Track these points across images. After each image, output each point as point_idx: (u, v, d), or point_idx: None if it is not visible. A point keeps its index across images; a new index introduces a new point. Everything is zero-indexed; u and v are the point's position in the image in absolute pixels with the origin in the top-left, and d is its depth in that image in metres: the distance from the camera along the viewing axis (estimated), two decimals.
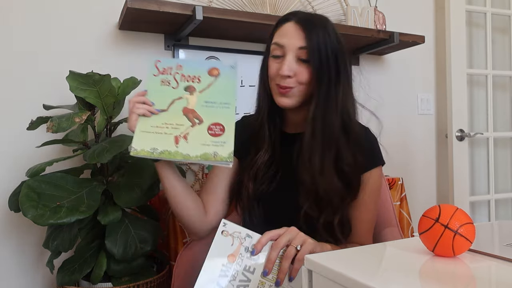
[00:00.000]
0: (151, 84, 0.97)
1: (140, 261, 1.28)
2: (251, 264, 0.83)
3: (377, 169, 1.01)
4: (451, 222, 0.59)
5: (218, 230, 0.85)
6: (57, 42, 1.52)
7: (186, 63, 0.99)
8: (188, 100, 0.96)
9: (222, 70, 0.98)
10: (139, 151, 0.90)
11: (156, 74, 0.98)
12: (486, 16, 2.26)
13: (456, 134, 2.14)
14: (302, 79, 0.94)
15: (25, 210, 1.10)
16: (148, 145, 0.91)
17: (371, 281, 0.51)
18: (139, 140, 0.91)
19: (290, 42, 0.94)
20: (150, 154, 0.90)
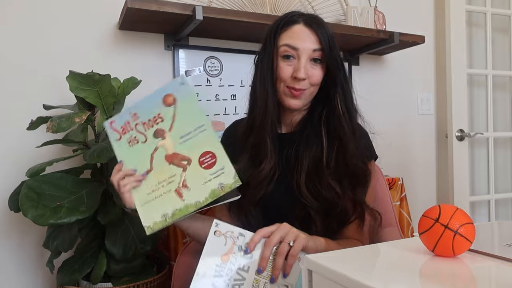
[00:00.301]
0: (120, 151, 0.94)
1: (140, 261, 1.28)
2: (245, 262, 0.83)
3: (370, 164, 1.04)
4: (451, 222, 0.59)
5: (210, 230, 0.84)
6: (57, 42, 1.52)
7: (138, 108, 0.94)
8: (165, 146, 0.92)
9: (175, 94, 0.93)
10: (153, 227, 0.88)
11: (118, 139, 0.94)
12: (486, 16, 2.26)
13: (456, 134, 2.14)
14: (315, 80, 0.97)
15: (25, 210, 1.10)
16: (157, 215, 0.88)
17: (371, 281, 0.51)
18: (146, 215, 0.89)
19: (305, 45, 0.94)
20: (164, 222, 0.88)
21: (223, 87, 1.78)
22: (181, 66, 1.70)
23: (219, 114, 1.77)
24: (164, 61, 1.69)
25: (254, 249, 0.83)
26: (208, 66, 1.75)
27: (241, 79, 1.79)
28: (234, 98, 1.79)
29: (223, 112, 1.77)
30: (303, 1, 1.94)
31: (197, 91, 1.72)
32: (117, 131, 0.94)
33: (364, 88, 2.11)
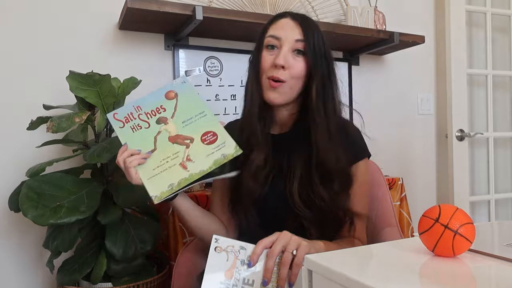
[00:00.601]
0: (125, 136, 0.97)
1: (140, 261, 1.28)
2: (249, 276, 0.82)
3: (364, 162, 1.02)
4: (451, 222, 0.59)
5: (210, 247, 0.84)
6: (57, 42, 1.52)
7: (142, 102, 1.00)
8: (168, 130, 0.97)
9: (177, 89, 1.01)
10: (160, 196, 0.91)
11: (122, 126, 0.97)
12: (486, 16, 2.26)
13: (456, 134, 2.14)
14: (294, 72, 0.95)
15: (25, 210, 1.10)
16: (163, 186, 0.92)
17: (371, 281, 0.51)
18: (153, 187, 0.92)
19: (287, 34, 0.96)
20: (170, 191, 0.91)
21: (223, 87, 1.78)
22: (181, 66, 1.70)
23: (219, 114, 1.77)
24: (164, 61, 1.69)
25: (257, 261, 0.82)
26: (208, 66, 1.75)
27: (241, 79, 1.79)
28: (234, 98, 1.79)
29: (223, 112, 1.77)
30: (303, 1, 1.94)
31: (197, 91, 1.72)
32: (120, 120, 0.98)
33: (364, 88, 2.11)
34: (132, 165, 0.91)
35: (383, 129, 2.16)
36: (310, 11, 1.95)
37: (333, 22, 1.93)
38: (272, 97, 0.96)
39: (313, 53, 0.95)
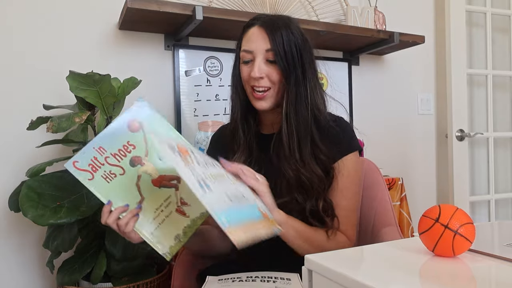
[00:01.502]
0: (100, 190, 0.84)
1: (140, 261, 1.28)
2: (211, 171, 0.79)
3: (351, 155, 1.01)
4: (451, 222, 0.59)
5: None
6: (57, 42, 1.52)
7: (103, 141, 0.83)
8: (147, 171, 0.85)
9: (138, 117, 0.85)
10: (170, 251, 0.86)
11: (91, 178, 0.83)
12: (486, 16, 2.26)
13: (456, 134, 2.14)
14: (274, 79, 0.97)
15: (25, 210, 1.10)
16: (169, 239, 0.86)
17: (371, 281, 0.51)
18: (160, 243, 0.86)
19: (257, 46, 0.97)
20: (179, 243, 0.87)
21: (223, 87, 1.78)
22: (181, 66, 1.70)
23: (219, 114, 1.77)
24: (164, 61, 1.69)
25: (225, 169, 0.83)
26: (208, 66, 1.75)
27: None
28: None
29: (223, 112, 1.77)
30: (303, 1, 1.94)
31: (197, 91, 1.72)
32: (86, 171, 0.83)
33: (364, 88, 2.11)
34: (129, 229, 0.85)
35: (383, 129, 2.16)
36: (310, 11, 1.95)
37: (333, 22, 1.93)
38: (259, 106, 1.00)
39: (283, 60, 0.95)
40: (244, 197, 0.80)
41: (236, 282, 0.89)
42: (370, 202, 1.22)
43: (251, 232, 0.73)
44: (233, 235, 0.69)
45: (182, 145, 0.80)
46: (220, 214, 0.69)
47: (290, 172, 0.95)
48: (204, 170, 0.77)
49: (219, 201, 0.73)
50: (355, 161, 1.02)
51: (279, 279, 0.89)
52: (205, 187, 0.72)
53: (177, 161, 0.72)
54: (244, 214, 0.77)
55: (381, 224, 1.18)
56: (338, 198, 0.97)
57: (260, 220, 0.79)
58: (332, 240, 0.94)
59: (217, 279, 0.93)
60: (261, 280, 0.89)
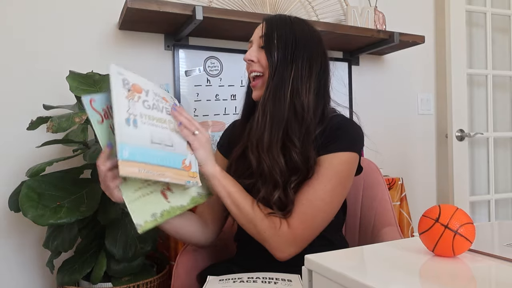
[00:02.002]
0: (106, 134, 0.84)
1: (140, 261, 1.28)
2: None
3: (337, 154, 0.94)
4: (451, 222, 0.59)
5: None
6: (57, 42, 1.52)
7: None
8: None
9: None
10: (144, 226, 0.86)
11: (101, 121, 0.85)
12: (486, 16, 2.26)
13: (456, 134, 2.14)
14: (264, 64, 1.00)
15: (25, 210, 1.10)
16: (146, 214, 0.87)
17: (371, 281, 0.51)
18: (136, 213, 0.86)
19: (255, 35, 1.03)
20: (154, 222, 0.87)
21: (223, 87, 1.78)
22: (181, 66, 1.70)
23: (219, 114, 1.77)
24: (164, 61, 1.69)
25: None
26: (208, 66, 1.75)
27: (241, 79, 1.79)
28: (234, 98, 1.79)
29: (223, 112, 1.77)
30: (303, 1, 1.94)
31: (197, 91, 1.73)
32: (98, 113, 0.85)
33: (364, 88, 2.11)
34: (114, 184, 0.84)
35: (383, 129, 2.16)
36: (310, 11, 1.95)
37: (333, 22, 1.93)
38: (254, 95, 1.03)
39: (272, 46, 0.97)
40: (172, 146, 0.85)
41: (237, 283, 0.89)
42: (370, 202, 1.22)
43: (150, 171, 0.79)
44: (123, 166, 0.75)
45: (142, 86, 0.85)
46: (124, 145, 0.76)
47: (252, 157, 0.96)
48: (145, 111, 0.83)
49: (135, 138, 0.79)
50: (343, 160, 0.95)
51: (280, 280, 0.89)
52: (131, 122, 0.79)
53: (118, 92, 0.79)
54: (156, 157, 0.82)
55: (381, 224, 1.18)
56: (304, 185, 0.93)
57: (174, 168, 0.84)
58: (263, 217, 0.91)
59: (218, 279, 0.93)
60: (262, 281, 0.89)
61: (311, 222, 0.91)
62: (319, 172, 0.93)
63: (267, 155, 0.94)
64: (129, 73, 0.85)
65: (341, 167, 0.94)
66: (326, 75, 1.03)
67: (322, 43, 1.03)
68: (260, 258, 0.98)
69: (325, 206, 0.92)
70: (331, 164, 0.93)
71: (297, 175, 0.93)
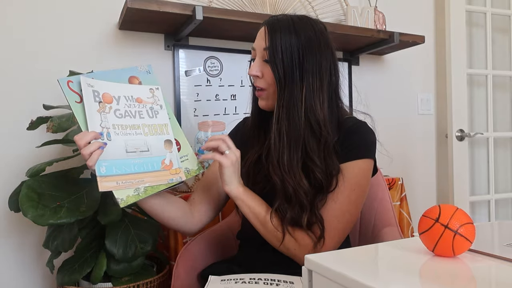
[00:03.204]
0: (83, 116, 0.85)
1: (140, 261, 1.28)
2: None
3: (358, 162, 0.95)
4: (451, 222, 0.59)
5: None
6: (57, 42, 1.52)
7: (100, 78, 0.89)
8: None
9: (141, 78, 0.95)
10: (126, 200, 0.84)
11: (79, 101, 0.85)
12: (486, 16, 2.26)
13: (456, 134, 2.14)
14: (269, 79, 0.96)
15: (25, 210, 1.10)
16: (129, 189, 0.85)
17: (371, 281, 0.51)
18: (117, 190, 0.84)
19: (258, 44, 0.97)
20: (137, 197, 0.86)
21: (223, 87, 1.78)
22: (181, 66, 1.70)
23: (219, 114, 1.77)
24: (164, 61, 1.69)
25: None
26: (208, 66, 1.75)
27: (241, 79, 1.79)
28: (234, 98, 1.79)
29: (223, 112, 1.77)
30: (303, 1, 1.94)
31: (197, 91, 1.73)
32: (76, 93, 0.86)
33: (364, 88, 2.11)
34: (93, 161, 0.82)
35: (383, 129, 2.15)
36: (310, 11, 1.95)
37: (333, 22, 1.93)
38: (260, 104, 1.01)
39: (278, 61, 0.92)
40: (148, 150, 0.88)
41: (239, 284, 0.89)
42: (371, 202, 1.22)
43: (128, 181, 0.84)
44: (101, 182, 0.81)
45: (113, 93, 0.88)
46: (100, 162, 0.82)
47: (276, 179, 0.92)
48: (117, 121, 0.87)
49: (110, 151, 0.84)
50: (362, 168, 0.95)
51: (282, 282, 0.89)
52: (105, 136, 0.84)
53: (89, 106, 0.84)
54: (132, 166, 0.86)
55: (382, 224, 1.18)
56: (329, 199, 0.93)
57: (154, 171, 0.88)
58: (294, 240, 0.91)
59: (219, 279, 0.93)
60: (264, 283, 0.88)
61: (342, 235, 0.95)
62: (342, 184, 0.93)
63: (290, 176, 0.91)
64: (98, 82, 0.88)
65: (361, 175, 0.95)
66: (337, 79, 0.99)
67: (330, 43, 0.97)
68: (262, 257, 0.99)
69: (352, 217, 0.95)
70: (352, 174, 0.94)
71: (322, 192, 0.93)
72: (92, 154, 0.82)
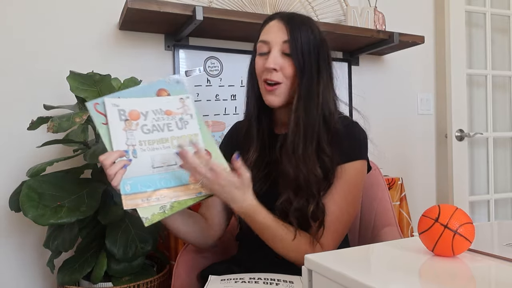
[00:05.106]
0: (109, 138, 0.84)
1: (140, 261, 1.28)
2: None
3: (355, 163, 0.97)
4: (451, 222, 0.59)
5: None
6: (57, 42, 1.52)
7: (128, 97, 0.87)
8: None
9: (170, 90, 0.91)
10: (151, 219, 0.83)
11: (105, 123, 0.84)
12: (485, 16, 2.26)
13: (455, 134, 2.14)
14: (287, 73, 0.96)
15: (25, 210, 1.10)
16: (155, 207, 0.84)
17: (371, 281, 0.52)
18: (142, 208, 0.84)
19: (275, 37, 0.96)
20: (162, 215, 0.84)
21: (223, 87, 1.78)
22: (181, 66, 1.70)
23: (219, 114, 1.77)
24: (164, 61, 1.69)
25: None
26: (208, 66, 1.75)
27: (241, 79, 1.80)
28: (234, 98, 1.79)
29: (223, 112, 1.78)
30: (303, 1, 1.94)
31: (197, 91, 1.73)
32: (102, 114, 0.85)
33: (364, 88, 2.11)
34: (117, 181, 0.82)
35: (383, 129, 2.16)
36: (310, 11, 1.95)
37: (333, 22, 1.93)
38: (270, 100, 0.98)
39: (299, 53, 0.94)
40: (176, 163, 0.86)
41: (239, 283, 0.89)
42: (370, 202, 1.23)
43: (153, 197, 0.83)
44: (125, 200, 0.80)
45: (140, 109, 0.87)
46: (124, 181, 0.82)
47: (289, 168, 0.93)
48: (145, 137, 0.85)
49: (135, 169, 0.83)
50: (357, 169, 0.97)
51: (281, 282, 0.89)
52: (131, 153, 0.83)
53: (114, 126, 0.83)
54: (159, 181, 0.85)
55: (381, 224, 1.18)
56: (328, 202, 0.94)
57: (181, 185, 0.86)
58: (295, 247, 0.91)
59: (219, 279, 0.93)
60: (264, 282, 0.89)
61: (341, 235, 0.96)
62: (339, 185, 0.95)
63: (305, 165, 0.92)
64: (124, 100, 0.86)
65: (356, 176, 0.97)
66: (334, 75, 1.03)
67: (327, 43, 1.02)
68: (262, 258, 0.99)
69: (350, 217, 0.97)
70: (348, 175, 0.95)
71: (328, 184, 0.95)
72: (116, 174, 0.82)
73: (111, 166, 0.82)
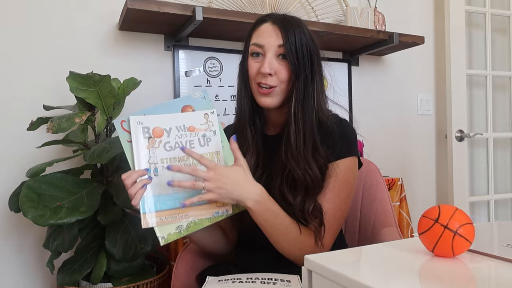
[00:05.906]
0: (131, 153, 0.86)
1: (140, 261, 1.28)
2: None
3: (347, 160, 0.97)
4: (451, 222, 0.59)
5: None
6: (57, 42, 1.52)
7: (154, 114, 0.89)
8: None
9: (195, 106, 0.93)
10: (167, 238, 0.84)
11: (130, 140, 0.86)
12: (485, 16, 2.26)
13: (455, 135, 2.14)
14: (282, 77, 0.96)
15: (25, 211, 1.10)
16: (171, 227, 0.85)
17: (371, 281, 0.52)
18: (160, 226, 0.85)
19: (269, 41, 0.96)
20: (178, 234, 0.85)
21: (223, 88, 1.78)
22: (181, 66, 1.70)
23: (219, 115, 1.76)
24: (164, 62, 1.69)
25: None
26: (208, 66, 1.75)
27: None
28: (234, 99, 1.78)
29: (223, 112, 1.78)
30: (302, 1, 1.94)
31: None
32: (128, 132, 0.87)
33: (364, 88, 2.12)
34: (136, 201, 0.83)
35: (383, 130, 2.16)
36: (310, 11, 1.95)
37: (332, 23, 1.93)
38: (264, 102, 0.98)
39: (294, 57, 0.95)
40: (196, 181, 0.85)
41: (236, 283, 0.89)
42: (370, 202, 1.22)
43: (172, 216, 0.84)
44: (144, 219, 0.83)
45: (164, 126, 0.88)
46: (144, 200, 0.83)
47: (299, 172, 0.93)
48: (166, 154, 0.87)
49: (155, 187, 0.84)
50: (349, 166, 0.98)
51: (279, 281, 0.89)
52: (152, 171, 0.85)
53: (138, 144, 0.85)
54: (178, 199, 0.85)
55: (381, 225, 1.18)
56: (321, 200, 0.94)
57: (200, 204, 0.87)
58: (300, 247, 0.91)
59: (217, 279, 0.93)
60: (261, 282, 0.89)
61: (336, 232, 0.98)
62: (331, 183, 0.95)
63: (310, 169, 0.93)
64: (149, 117, 0.88)
65: (348, 173, 0.98)
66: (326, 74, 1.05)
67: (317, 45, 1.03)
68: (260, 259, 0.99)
69: (343, 214, 0.98)
70: (340, 173, 0.96)
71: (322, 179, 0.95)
72: (136, 194, 0.83)
73: (132, 186, 0.83)
